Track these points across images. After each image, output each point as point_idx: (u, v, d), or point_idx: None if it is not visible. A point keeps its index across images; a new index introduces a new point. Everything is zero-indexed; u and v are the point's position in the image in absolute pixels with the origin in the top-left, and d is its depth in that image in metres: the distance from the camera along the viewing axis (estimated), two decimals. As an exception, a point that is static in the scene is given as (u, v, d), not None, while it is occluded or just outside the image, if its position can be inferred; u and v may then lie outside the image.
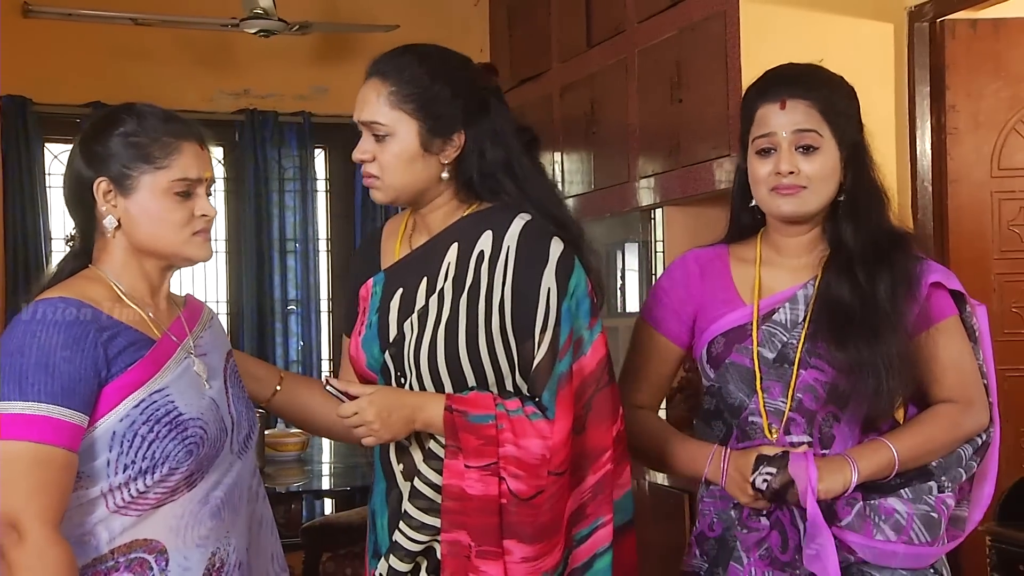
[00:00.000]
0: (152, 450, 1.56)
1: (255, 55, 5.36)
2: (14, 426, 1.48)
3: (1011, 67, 3.47)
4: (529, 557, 1.61)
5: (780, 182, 1.79)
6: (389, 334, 1.73)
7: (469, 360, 1.66)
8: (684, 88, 3.74)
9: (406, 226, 1.83)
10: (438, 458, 1.66)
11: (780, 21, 3.46)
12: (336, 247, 5.71)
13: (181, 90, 5.26)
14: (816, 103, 1.79)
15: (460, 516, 1.61)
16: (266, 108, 5.42)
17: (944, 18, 3.43)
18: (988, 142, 3.47)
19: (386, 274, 1.78)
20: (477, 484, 1.60)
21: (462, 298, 1.68)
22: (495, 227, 1.70)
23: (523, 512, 1.60)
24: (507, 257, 1.68)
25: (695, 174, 3.69)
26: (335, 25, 4.88)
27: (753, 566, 1.80)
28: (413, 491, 1.67)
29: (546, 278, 1.65)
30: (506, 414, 1.62)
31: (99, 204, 1.64)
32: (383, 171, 1.71)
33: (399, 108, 1.69)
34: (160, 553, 1.58)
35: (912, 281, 1.79)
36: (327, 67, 5.57)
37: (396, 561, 1.67)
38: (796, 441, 1.79)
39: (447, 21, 5.53)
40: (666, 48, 3.84)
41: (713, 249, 1.96)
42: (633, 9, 4.06)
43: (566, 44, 4.58)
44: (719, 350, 1.86)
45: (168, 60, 5.35)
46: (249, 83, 5.46)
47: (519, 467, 1.60)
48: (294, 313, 5.52)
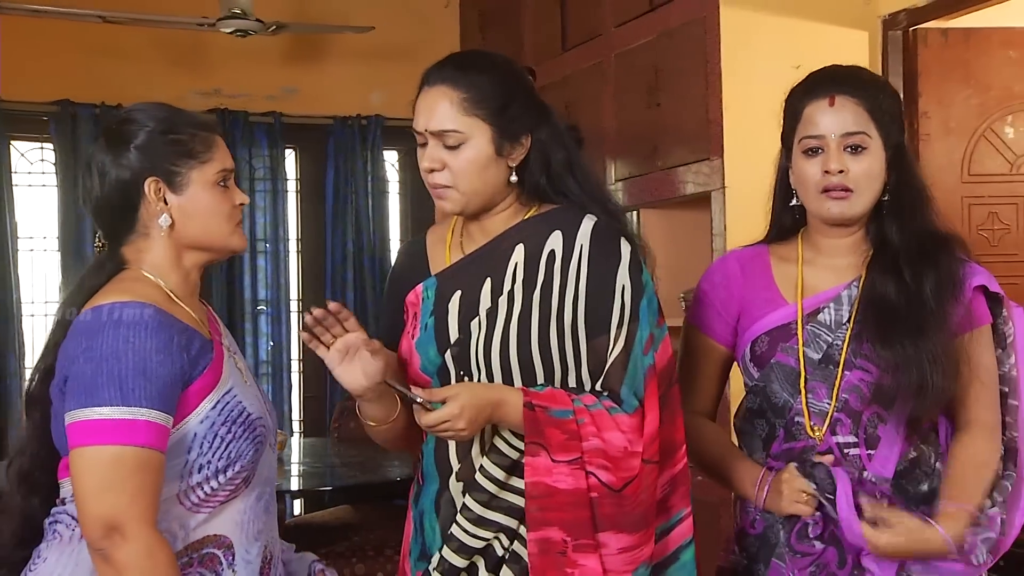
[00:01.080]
0: (229, 450, 1.59)
1: (226, 55, 5.32)
2: (119, 431, 1.49)
3: (980, 75, 3.57)
4: (628, 547, 1.63)
5: (830, 181, 1.78)
6: (449, 335, 1.73)
7: (540, 356, 1.67)
8: (662, 92, 3.79)
9: (453, 232, 1.83)
10: (500, 452, 1.67)
11: (759, 28, 3.52)
12: (306, 247, 5.69)
13: (151, 89, 5.18)
14: (864, 102, 1.79)
15: (548, 513, 1.61)
16: (237, 108, 5.39)
17: (917, 27, 3.52)
18: (958, 148, 3.56)
19: (439, 279, 1.78)
20: (568, 479, 1.60)
21: (535, 296, 1.69)
22: (564, 227, 1.72)
23: (617, 503, 1.62)
24: (580, 256, 1.70)
25: (674, 178, 3.74)
26: (310, 26, 4.87)
27: (796, 566, 1.80)
28: (472, 484, 1.67)
29: (620, 276, 1.69)
30: (585, 408, 1.64)
31: (151, 203, 1.65)
32: (457, 179, 1.70)
33: (472, 114, 1.68)
34: (228, 548, 1.61)
35: (957, 282, 1.79)
36: (298, 67, 5.55)
37: (451, 553, 1.67)
38: (842, 441, 1.79)
39: (417, 23, 5.54)
40: (644, 52, 3.89)
41: (753, 249, 1.96)
42: (610, 13, 4.11)
43: (540, 47, 4.61)
44: (763, 349, 1.86)
45: (138, 58, 5.30)
46: (219, 83, 5.42)
47: (606, 459, 1.62)
48: (264, 313, 5.49)
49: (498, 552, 1.67)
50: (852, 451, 1.80)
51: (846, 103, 1.79)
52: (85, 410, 1.51)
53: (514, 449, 1.67)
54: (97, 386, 1.50)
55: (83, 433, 1.50)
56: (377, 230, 5.60)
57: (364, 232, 5.55)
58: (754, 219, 2.09)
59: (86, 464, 1.50)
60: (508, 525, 1.67)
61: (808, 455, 1.81)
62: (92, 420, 1.50)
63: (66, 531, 1.60)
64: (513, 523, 1.67)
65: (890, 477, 1.80)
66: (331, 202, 5.56)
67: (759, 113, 3.52)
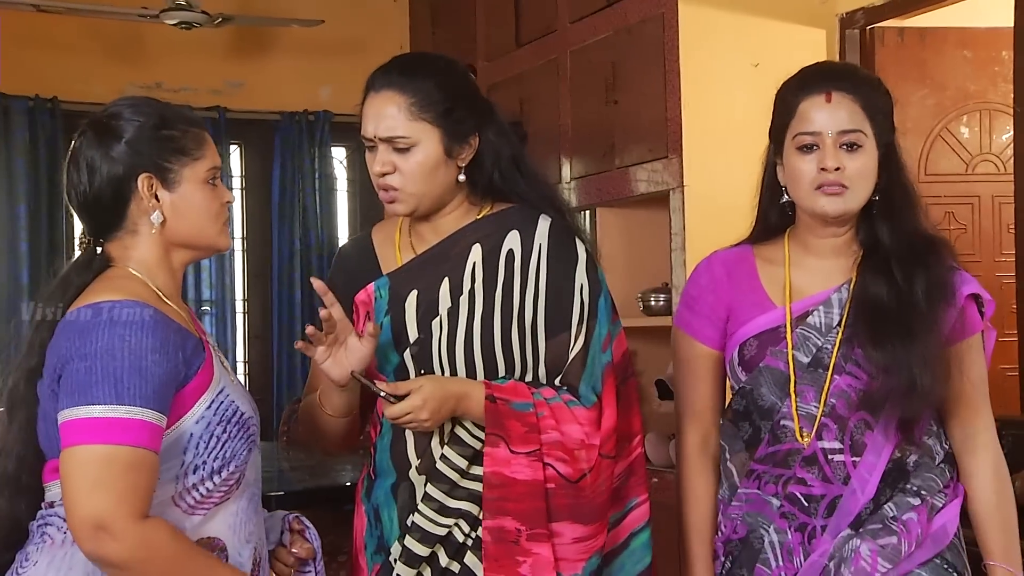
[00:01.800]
0: (224, 450, 1.59)
1: (168, 47, 5.17)
2: (112, 430, 1.48)
3: (936, 75, 3.58)
4: (582, 537, 1.68)
5: (826, 179, 1.76)
6: (408, 335, 1.76)
7: (503, 354, 1.72)
8: (620, 90, 3.75)
9: (401, 232, 1.86)
10: (462, 442, 1.70)
11: (717, 25, 3.50)
12: (252, 246, 5.56)
13: (88, 82, 5.04)
14: (860, 99, 1.78)
15: (504, 502, 1.65)
16: (179, 102, 5.20)
17: (874, 26, 3.52)
18: (915, 148, 3.57)
19: (391, 278, 1.80)
20: (526, 470, 1.65)
21: (496, 295, 1.74)
22: (521, 227, 1.77)
23: (573, 494, 1.66)
24: (539, 256, 1.75)
25: (631, 176, 3.70)
26: (258, 18, 4.75)
27: (783, 570, 1.79)
28: (434, 474, 1.70)
29: (579, 275, 1.74)
30: (544, 402, 1.69)
31: (142, 200, 1.62)
32: (406, 182, 1.72)
33: (420, 118, 1.71)
34: (221, 551, 1.60)
35: (948, 288, 1.79)
36: (243, 61, 5.41)
37: (413, 542, 1.69)
38: (827, 447, 1.79)
39: (366, 16, 5.45)
40: (601, 49, 3.84)
41: (737, 250, 1.93)
42: (565, 9, 4.06)
43: (493, 43, 4.55)
44: (752, 353, 1.84)
45: (74, 50, 5.12)
46: (161, 76, 5.27)
47: (564, 451, 1.67)
48: (208, 314, 5.35)
49: (459, 539, 1.70)
50: (837, 457, 1.79)
51: (842, 100, 1.77)
52: (78, 408, 1.49)
53: (476, 439, 1.71)
54: (91, 384, 1.48)
55: (76, 431, 1.48)
56: (325, 228, 5.48)
57: (312, 230, 5.43)
58: (714, 218, 2.08)
59: (77, 463, 1.47)
60: (469, 511, 1.70)
61: (792, 459, 1.80)
62: (85, 419, 1.48)
63: (57, 534, 1.57)
64: (475, 509, 1.70)
65: (876, 484, 1.78)
66: (277, 200, 5.44)
67: (718, 111, 3.54)
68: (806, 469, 1.79)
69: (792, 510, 1.80)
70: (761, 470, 1.83)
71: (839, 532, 1.76)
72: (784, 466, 1.80)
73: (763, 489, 1.83)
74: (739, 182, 2.03)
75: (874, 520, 1.78)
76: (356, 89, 1.78)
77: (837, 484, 1.78)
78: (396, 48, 5.93)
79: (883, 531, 1.77)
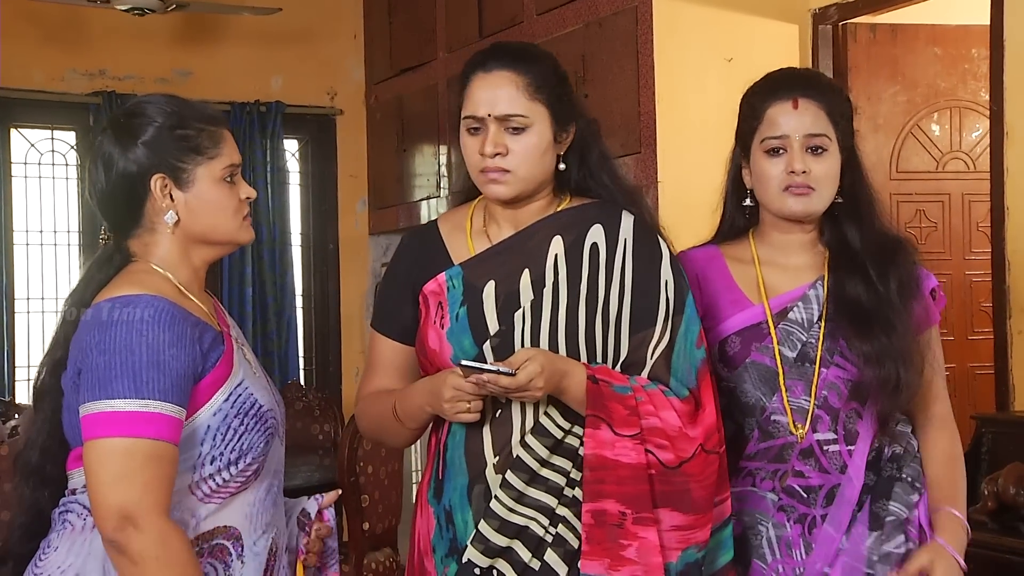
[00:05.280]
0: (241, 442, 1.61)
1: (112, 32, 4.98)
2: (132, 423, 1.51)
3: (907, 72, 3.58)
4: (680, 526, 1.66)
5: (793, 180, 1.83)
6: (487, 326, 1.73)
7: (586, 348, 1.71)
8: (590, 83, 3.69)
9: (472, 220, 1.82)
10: (545, 432, 1.69)
11: (690, 19, 3.47)
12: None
13: (26, 68, 4.84)
14: (824, 105, 1.85)
15: (605, 485, 1.63)
16: (125, 91, 5.03)
17: (846, 22, 3.51)
18: (887, 145, 3.57)
19: (465, 268, 1.77)
20: (631, 452, 1.64)
21: (580, 288, 1.72)
22: (604, 221, 1.76)
23: (673, 481, 1.65)
24: (624, 251, 1.74)
25: (601, 171, 3.64)
26: (212, 5, 4.58)
27: (780, 563, 1.81)
28: (515, 463, 1.68)
29: (664, 272, 1.74)
30: (641, 388, 1.68)
31: (157, 200, 1.64)
32: (519, 163, 1.70)
33: (536, 99, 1.70)
34: (236, 540, 1.63)
35: (915, 283, 1.88)
36: (190, 49, 5.23)
37: (490, 531, 1.67)
38: (822, 439, 1.83)
39: (318, 5, 5.30)
40: (570, 41, 3.78)
41: (705, 250, 1.97)
42: (532, 1, 3.98)
43: (455, 34, 4.46)
44: (736, 349, 1.87)
45: (10, 34, 4.89)
46: (105, 63, 5.07)
47: (663, 437, 1.65)
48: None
49: (538, 533, 1.68)
50: (832, 447, 1.83)
51: (809, 106, 1.84)
52: (99, 402, 1.52)
53: (559, 428, 1.70)
54: (111, 378, 1.52)
55: (97, 425, 1.52)
56: (277, 222, 5.31)
57: (263, 225, 5.25)
58: (688, 214, 2.05)
59: (99, 456, 1.52)
60: (548, 504, 1.68)
61: (787, 453, 1.83)
62: (106, 412, 1.52)
63: (78, 520, 1.61)
64: (553, 502, 1.68)
65: (863, 469, 1.84)
66: (226, 193, 5.28)
67: (691, 106, 3.49)
68: (803, 462, 1.83)
69: (791, 503, 1.82)
70: (754, 467, 1.85)
71: (839, 521, 1.80)
72: (780, 460, 1.83)
73: (758, 486, 1.85)
74: (713, 178, 2.03)
75: (888, 532, 1.82)
76: (309, 79, 1.76)
77: (835, 473, 1.82)
78: (350, 38, 5.78)
79: (896, 530, 1.82)
